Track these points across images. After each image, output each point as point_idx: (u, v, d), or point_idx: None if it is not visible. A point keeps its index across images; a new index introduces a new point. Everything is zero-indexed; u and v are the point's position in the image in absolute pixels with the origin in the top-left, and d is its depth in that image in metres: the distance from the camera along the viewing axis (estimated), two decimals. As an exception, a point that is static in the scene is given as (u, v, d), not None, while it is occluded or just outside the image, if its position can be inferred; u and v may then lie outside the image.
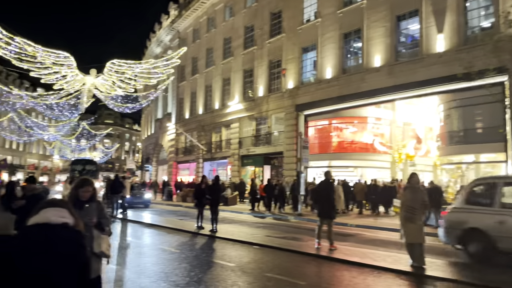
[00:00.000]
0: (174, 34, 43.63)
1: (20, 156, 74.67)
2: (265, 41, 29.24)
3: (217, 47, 35.28)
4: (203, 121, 36.35)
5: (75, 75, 23.10)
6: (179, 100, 42.15)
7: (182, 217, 16.93)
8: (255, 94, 29.79)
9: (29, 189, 6.19)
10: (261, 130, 29.75)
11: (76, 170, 28.84)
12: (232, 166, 31.98)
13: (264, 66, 29.21)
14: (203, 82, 37.16)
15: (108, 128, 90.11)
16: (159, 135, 47.27)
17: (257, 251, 9.13)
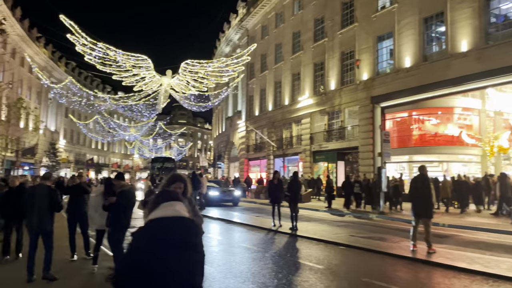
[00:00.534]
0: (243, 32, 43.96)
1: (105, 156, 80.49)
2: (336, 32, 28.22)
3: (286, 42, 34.85)
4: (273, 118, 36.17)
5: (152, 76, 24.06)
6: (248, 97, 42.43)
7: (257, 214, 16.77)
8: (327, 88, 28.90)
9: (118, 186, 6.23)
10: (334, 124, 28.79)
11: (155, 167, 30.21)
12: (303, 162, 31.40)
13: (336, 58, 28.20)
14: (273, 78, 36.96)
15: (182, 127, 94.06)
16: (230, 133, 48.05)
17: (344, 252, 8.56)
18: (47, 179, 7.03)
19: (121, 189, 6.14)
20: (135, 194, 6.27)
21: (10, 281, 6.13)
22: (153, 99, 26.87)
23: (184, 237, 1.92)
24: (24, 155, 42.37)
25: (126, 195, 6.07)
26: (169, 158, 38.51)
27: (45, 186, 6.85)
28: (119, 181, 6.24)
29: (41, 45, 54.25)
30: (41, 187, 6.84)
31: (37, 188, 6.88)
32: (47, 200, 6.62)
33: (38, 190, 6.78)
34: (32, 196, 6.75)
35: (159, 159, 37.42)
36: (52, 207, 6.73)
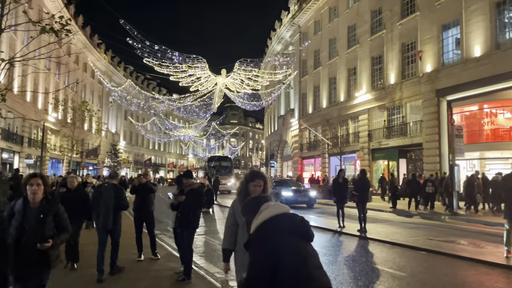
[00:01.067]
0: (295, 29, 43.29)
1: (161, 156, 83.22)
2: (395, 23, 26.78)
3: (340, 36, 33.76)
4: (328, 115, 35.22)
5: (207, 76, 24.20)
6: (301, 95, 41.70)
7: (319, 215, 16.15)
8: (386, 82, 27.54)
9: (187, 184, 5.98)
10: (394, 120, 27.36)
11: (212, 166, 30.38)
12: (361, 161, 30.17)
13: (396, 50, 26.77)
14: (327, 74, 35.99)
15: (234, 127, 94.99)
16: (283, 132, 47.59)
17: (426, 258, 7.77)
18: (113, 178, 6.98)
19: (190, 188, 5.88)
20: (203, 193, 5.99)
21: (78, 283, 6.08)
22: (208, 98, 27.10)
23: (305, 228, 2.14)
24: (88, 156, 44.69)
25: (196, 194, 5.80)
26: (226, 157, 38.32)
27: (112, 184, 6.80)
28: (188, 179, 5.98)
29: (102, 51, 57.00)
30: (108, 185, 6.79)
31: (104, 186, 6.84)
32: (114, 198, 6.57)
33: (105, 188, 6.74)
34: (100, 195, 6.72)
35: (215, 158, 37.12)
36: (119, 205, 6.68)
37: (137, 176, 7.69)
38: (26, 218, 3.43)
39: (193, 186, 5.92)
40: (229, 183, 33.96)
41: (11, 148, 29.88)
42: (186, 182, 5.95)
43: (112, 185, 6.74)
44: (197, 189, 5.89)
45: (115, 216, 6.58)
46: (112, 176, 7.06)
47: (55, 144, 37.50)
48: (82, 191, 7.30)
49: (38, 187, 3.51)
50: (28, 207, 3.49)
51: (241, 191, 3.67)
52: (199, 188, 5.92)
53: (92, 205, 6.85)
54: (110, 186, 6.73)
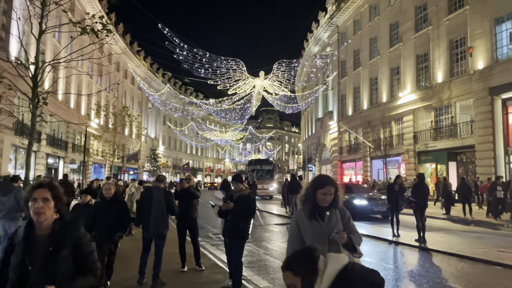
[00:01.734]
0: (333, 30, 42.28)
1: (199, 160, 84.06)
2: (442, 18, 25.35)
3: (382, 35, 32.50)
4: (369, 117, 33.96)
5: (245, 78, 23.84)
6: (340, 96, 40.57)
7: (368, 222, 15.23)
8: (433, 81, 26.10)
9: (237, 190, 5.46)
10: (442, 121, 25.84)
11: (252, 170, 29.65)
12: (406, 164, 28.78)
13: (443, 47, 25.31)
14: (367, 74, 34.75)
15: (270, 131, 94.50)
16: (321, 135, 46.53)
17: (502, 274, 6.85)
18: (161, 182, 6.59)
19: (240, 194, 5.35)
20: (255, 200, 5.44)
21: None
22: (245, 102, 26.76)
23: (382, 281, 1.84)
24: (129, 160, 45.56)
25: (246, 202, 5.27)
26: (267, 160, 36.33)
27: (161, 188, 6.42)
28: (238, 184, 5.44)
29: (141, 58, 58.29)
30: (157, 189, 6.42)
31: (154, 190, 6.47)
32: (164, 203, 6.20)
33: (155, 192, 6.38)
34: (150, 198, 6.36)
35: (256, 161, 35.20)
36: (168, 210, 6.30)
37: (180, 181, 7.24)
38: (30, 253, 2.28)
39: (243, 192, 5.39)
40: (271, 188, 33.28)
41: (56, 153, 30.79)
42: (236, 187, 5.43)
43: (161, 188, 6.38)
44: (247, 195, 5.36)
45: (164, 222, 6.23)
46: (160, 179, 6.67)
47: (98, 149, 38.45)
48: (120, 200, 6.23)
49: (44, 203, 2.32)
50: (33, 235, 2.33)
51: (306, 199, 3.05)
52: (249, 194, 5.38)
53: (141, 208, 6.52)
54: (160, 189, 6.36)
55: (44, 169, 28.31)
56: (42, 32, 7.75)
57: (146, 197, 6.50)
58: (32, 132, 8.07)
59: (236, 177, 5.56)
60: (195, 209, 7.28)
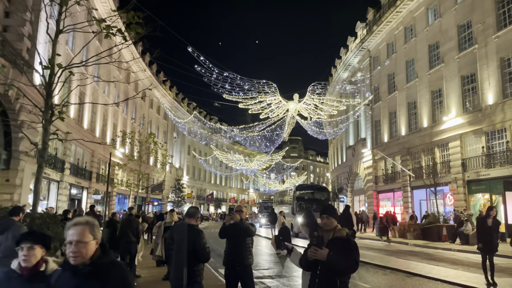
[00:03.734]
0: (364, 54, 40.83)
1: (223, 191, 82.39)
2: (490, 36, 23.46)
3: (419, 56, 30.71)
4: (408, 143, 31.74)
5: (278, 102, 22.33)
6: (374, 123, 38.54)
7: (430, 261, 12.98)
8: (482, 103, 23.92)
9: (328, 227, 3.64)
10: (496, 146, 23.43)
11: (302, 198, 25.10)
12: (454, 194, 26.18)
13: (493, 66, 23.27)
14: (404, 99, 32.76)
15: (295, 161, 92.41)
16: (353, 163, 44.25)
17: None
18: (192, 217, 4.83)
19: (335, 236, 3.53)
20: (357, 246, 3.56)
21: None
22: (276, 128, 25.20)
23: None
24: (153, 191, 44.26)
25: (346, 248, 3.43)
26: (321, 187, 30.04)
27: (186, 226, 4.67)
28: (330, 219, 3.60)
29: (167, 87, 58.21)
30: (181, 227, 4.68)
31: (176, 229, 4.75)
32: (190, 245, 4.43)
33: (177, 231, 4.65)
34: (171, 240, 4.65)
35: (306, 187, 28.65)
36: (196, 255, 4.52)
37: (229, 211, 5.38)
38: None
39: (339, 232, 3.56)
40: None
41: (79, 183, 29.71)
42: (327, 224, 3.60)
43: (187, 226, 4.63)
44: (347, 239, 3.52)
45: (190, 271, 4.42)
46: (190, 213, 4.91)
47: (122, 180, 37.33)
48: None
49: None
50: None
51: None
52: (349, 237, 3.54)
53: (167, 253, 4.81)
54: (184, 227, 4.62)
55: (67, 199, 27.15)
56: (59, 32, 6.37)
57: (168, 239, 4.83)
58: (43, 153, 6.57)
59: (328, 210, 3.71)
60: (249, 251, 5.46)
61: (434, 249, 17.37)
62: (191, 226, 4.68)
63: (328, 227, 3.61)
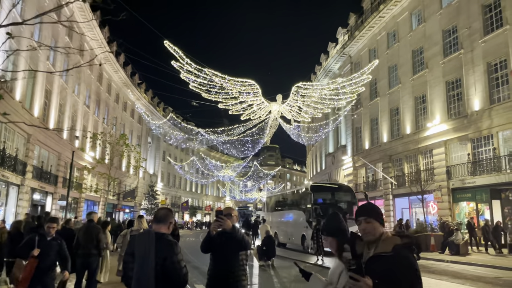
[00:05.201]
0: (345, 60, 40.27)
1: (198, 198, 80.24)
2: (476, 41, 23.02)
3: (402, 62, 30.19)
4: (390, 150, 31.06)
5: (260, 103, 21.08)
6: (355, 129, 37.85)
7: (430, 275, 11.85)
8: (468, 109, 23.39)
9: (370, 235, 2.35)
10: (482, 153, 22.86)
11: (320, 201, 19.51)
12: (438, 202, 25.49)
13: (479, 71, 22.79)
14: (387, 105, 32.15)
15: (272, 169, 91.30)
16: (332, 170, 43.42)
17: None
18: (161, 222, 3.32)
19: (376, 252, 2.24)
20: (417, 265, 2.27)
21: None
22: (259, 130, 23.91)
23: None
24: (125, 197, 42.08)
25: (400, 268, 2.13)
26: (344, 187, 23.67)
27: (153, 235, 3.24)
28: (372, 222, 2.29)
29: (142, 90, 56.16)
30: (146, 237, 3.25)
31: (139, 239, 3.32)
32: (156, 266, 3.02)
33: (139, 243, 3.22)
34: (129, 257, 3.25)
35: (325, 188, 22.17)
36: (167, 279, 3.10)
37: (216, 215, 3.86)
38: None
39: (387, 244, 2.26)
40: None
41: (43, 188, 27.44)
42: (368, 230, 2.29)
43: (154, 234, 3.21)
44: (402, 256, 2.22)
45: None
46: (160, 218, 3.44)
47: (91, 185, 35.08)
48: None
49: None
50: None
51: None
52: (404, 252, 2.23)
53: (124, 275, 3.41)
54: (149, 236, 3.20)
55: (28, 205, 24.87)
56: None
57: (127, 255, 3.37)
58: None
59: (368, 209, 2.42)
60: (243, 271, 4.03)
61: (425, 259, 16.34)
62: (161, 236, 3.25)
63: (369, 236, 2.32)
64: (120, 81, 47.72)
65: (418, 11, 28.95)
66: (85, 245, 7.52)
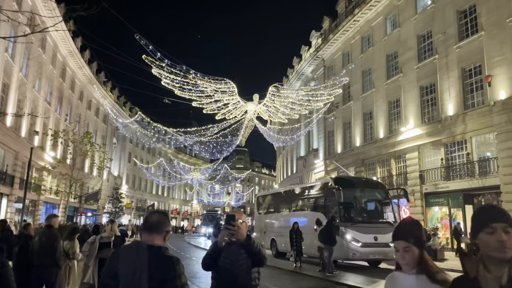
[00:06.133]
0: (318, 64, 40.12)
1: (165, 202, 78.06)
2: (451, 46, 23.19)
3: (377, 66, 30.21)
4: (363, 154, 30.98)
5: (236, 102, 20.21)
6: (327, 133, 37.69)
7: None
8: (442, 114, 23.51)
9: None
10: (455, 158, 23.00)
11: (349, 200, 15.80)
12: (411, 207, 25.45)
13: (453, 77, 22.95)
14: (360, 109, 32.10)
15: (241, 172, 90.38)
16: (304, 174, 43.07)
17: None
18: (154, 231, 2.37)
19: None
20: None
21: None
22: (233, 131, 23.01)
23: None
24: (88, 200, 39.94)
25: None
26: (373, 181, 20.85)
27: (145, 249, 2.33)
28: None
29: (108, 89, 53.92)
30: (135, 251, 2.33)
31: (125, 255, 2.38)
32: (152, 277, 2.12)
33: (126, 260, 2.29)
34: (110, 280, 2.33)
35: (353, 183, 18.29)
36: None
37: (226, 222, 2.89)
38: None
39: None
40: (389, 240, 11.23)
41: (-3, 189, 25.34)
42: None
43: (146, 248, 2.29)
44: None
45: None
46: (154, 225, 2.44)
47: (51, 187, 32.89)
48: None
49: None
50: None
51: None
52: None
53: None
54: (140, 251, 2.29)
55: (-22, 208, 22.79)
56: None
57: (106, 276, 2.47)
58: None
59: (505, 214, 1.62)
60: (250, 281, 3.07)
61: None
62: (156, 251, 2.34)
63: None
64: (84, 78, 45.52)
65: (393, 15, 29.07)
66: (39, 256, 6.36)
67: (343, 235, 15.12)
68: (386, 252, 14.72)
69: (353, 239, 15.06)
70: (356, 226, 15.53)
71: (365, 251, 15.11)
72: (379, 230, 15.38)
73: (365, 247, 15.02)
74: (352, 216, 16.25)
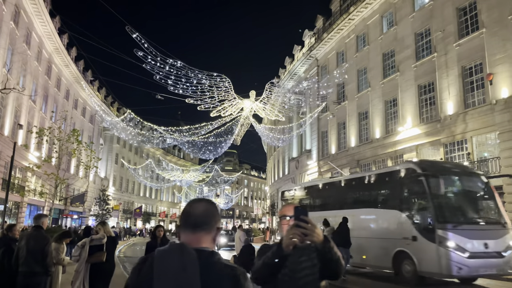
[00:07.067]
0: (311, 64, 39.53)
1: (152, 204, 76.60)
2: (450, 44, 22.74)
3: (373, 65, 29.70)
4: (358, 155, 30.40)
5: (232, 99, 19.38)
6: (321, 133, 37.06)
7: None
8: (441, 113, 23.03)
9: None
10: (455, 158, 22.50)
11: (448, 191, 12.14)
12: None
13: (453, 75, 22.49)
14: (355, 109, 31.55)
15: (230, 174, 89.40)
16: (296, 176, 42.35)
17: None
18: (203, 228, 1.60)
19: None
20: None
21: None
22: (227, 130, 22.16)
23: None
24: (73, 202, 38.58)
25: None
26: (472, 170, 14.84)
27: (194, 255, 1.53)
28: None
29: (95, 88, 52.54)
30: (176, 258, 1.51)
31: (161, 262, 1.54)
32: None
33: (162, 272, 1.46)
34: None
35: (447, 170, 13.39)
36: None
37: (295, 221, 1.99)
38: None
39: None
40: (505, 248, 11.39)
41: (-23, 190, 23.98)
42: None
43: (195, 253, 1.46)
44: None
45: None
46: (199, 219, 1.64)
47: (35, 188, 31.50)
48: None
49: None
50: None
51: None
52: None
53: None
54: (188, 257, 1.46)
55: (-44, 210, 21.43)
56: None
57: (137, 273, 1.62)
58: None
59: None
60: None
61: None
62: (208, 258, 1.50)
63: None
64: (71, 76, 44.14)
65: (389, 14, 28.61)
66: (26, 261, 5.44)
67: (441, 241, 10.79)
68: (499, 264, 10.92)
69: (457, 247, 10.62)
70: (459, 228, 10.94)
71: (474, 264, 10.66)
72: (489, 234, 11.25)
73: (474, 258, 10.65)
74: (452, 214, 11.71)
